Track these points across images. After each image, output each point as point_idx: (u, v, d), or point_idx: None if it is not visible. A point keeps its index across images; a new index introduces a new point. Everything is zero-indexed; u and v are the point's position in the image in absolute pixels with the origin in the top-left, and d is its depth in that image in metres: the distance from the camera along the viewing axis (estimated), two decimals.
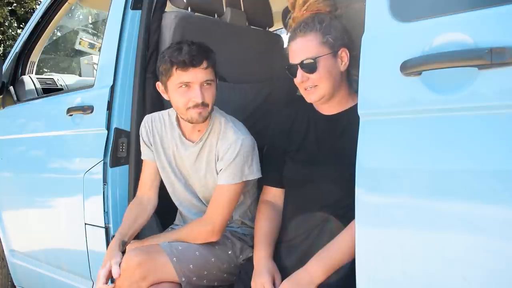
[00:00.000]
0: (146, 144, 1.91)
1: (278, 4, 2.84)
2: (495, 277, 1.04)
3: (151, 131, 1.90)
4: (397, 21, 1.21)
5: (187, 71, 1.67)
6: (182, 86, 1.69)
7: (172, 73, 1.70)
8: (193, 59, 1.66)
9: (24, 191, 2.64)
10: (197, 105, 1.69)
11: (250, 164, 1.74)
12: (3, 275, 2.93)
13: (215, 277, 1.77)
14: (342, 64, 1.59)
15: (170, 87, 1.73)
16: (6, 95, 2.85)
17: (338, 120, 1.63)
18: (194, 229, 1.78)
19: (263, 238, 1.65)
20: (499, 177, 1.03)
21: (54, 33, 7.37)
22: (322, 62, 1.56)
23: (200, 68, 1.68)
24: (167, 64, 1.69)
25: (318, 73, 1.56)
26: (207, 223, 1.75)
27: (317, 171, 1.61)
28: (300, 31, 1.59)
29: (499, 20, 1.04)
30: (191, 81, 1.68)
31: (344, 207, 1.50)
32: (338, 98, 1.63)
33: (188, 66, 1.66)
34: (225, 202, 1.74)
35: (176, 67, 1.67)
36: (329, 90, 1.59)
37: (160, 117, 1.91)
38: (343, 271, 1.45)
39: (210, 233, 1.74)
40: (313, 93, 1.59)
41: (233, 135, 1.75)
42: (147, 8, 2.08)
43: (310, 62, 1.55)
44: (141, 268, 1.64)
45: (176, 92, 1.71)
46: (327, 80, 1.57)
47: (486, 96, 1.05)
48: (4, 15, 11.54)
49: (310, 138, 1.67)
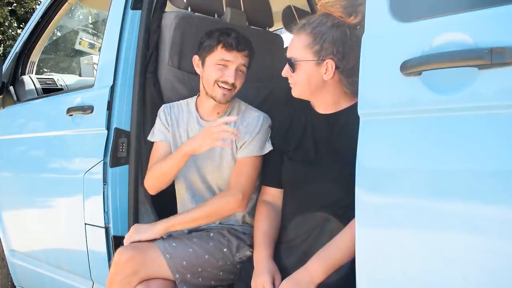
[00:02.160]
0: (163, 124, 1.94)
1: (278, 4, 2.84)
2: (495, 277, 1.04)
3: (169, 114, 1.95)
4: (397, 21, 1.21)
5: (230, 52, 1.80)
6: (220, 64, 1.81)
7: (215, 50, 1.81)
8: (239, 44, 1.81)
9: (24, 191, 2.64)
10: (226, 83, 1.81)
11: (268, 138, 1.84)
12: (3, 275, 2.93)
13: (211, 274, 1.77)
14: (326, 73, 1.56)
15: (208, 62, 1.84)
16: (6, 95, 2.85)
17: (335, 119, 1.63)
18: (223, 200, 1.78)
19: (262, 238, 1.65)
20: (499, 177, 1.03)
21: (54, 33, 7.38)
22: (303, 66, 1.57)
23: (242, 53, 1.82)
24: (213, 41, 1.82)
25: (296, 74, 1.59)
26: (236, 193, 1.77)
27: (315, 170, 1.61)
28: (296, 28, 1.60)
29: (499, 20, 1.04)
30: (231, 61, 1.81)
31: (343, 207, 1.50)
32: (328, 99, 1.63)
33: (234, 48, 1.80)
34: (250, 172, 1.80)
35: (222, 45, 1.80)
36: (305, 94, 1.62)
37: (178, 105, 1.99)
38: (343, 271, 1.44)
39: (240, 202, 1.76)
40: (293, 89, 1.64)
41: (254, 112, 1.90)
42: (147, 8, 2.08)
43: (292, 61, 1.59)
44: (131, 262, 1.66)
45: (213, 67, 1.82)
46: (302, 83, 1.59)
47: (486, 96, 1.05)
48: (4, 15, 11.53)
49: (307, 138, 1.67)
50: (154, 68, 2.07)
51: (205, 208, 1.77)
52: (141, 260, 1.68)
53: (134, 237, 1.76)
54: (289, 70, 1.60)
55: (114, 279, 1.69)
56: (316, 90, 1.60)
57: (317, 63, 1.56)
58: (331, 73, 1.56)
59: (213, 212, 1.77)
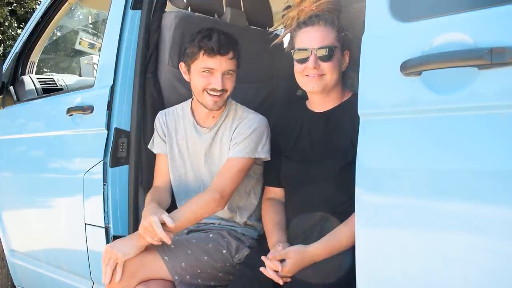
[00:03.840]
0: (161, 137, 1.94)
1: (278, 4, 2.83)
2: (495, 277, 1.04)
3: (165, 124, 1.94)
4: (397, 21, 1.21)
5: (213, 58, 1.73)
6: (205, 71, 1.76)
7: (198, 57, 1.76)
8: (221, 47, 1.72)
9: (24, 191, 2.64)
10: (214, 90, 1.75)
11: (264, 143, 1.78)
12: (3, 275, 2.93)
13: (210, 275, 1.77)
14: (343, 64, 1.65)
15: (193, 70, 1.79)
16: (6, 95, 2.85)
17: (330, 117, 1.66)
18: (202, 201, 1.72)
19: (273, 227, 1.67)
20: (499, 177, 1.03)
21: (54, 33, 7.38)
22: (337, 54, 1.61)
23: (226, 57, 1.74)
24: (195, 48, 1.75)
25: (331, 62, 1.60)
26: (214, 192, 1.72)
27: (312, 168, 1.63)
28: (321, 20, 1.62)
29: (499, 20, 1.04)
30: (215, 68, 1.75)
31: (341, 204, 1.52)
32: (334, 93, 1.67)
33: (216, 53, 1.72)
34: (234, 173, 1.74)
35: (204, 52, 1.74)
36: (333, 83, 1.63)
37: (173, 111, 1.96)
38: (343, 271, 1.45)
39: (218, 201, 1.71)
40: (318, 81, 1.61)
41: (250, 114, 1.84)
42: (147, 8, 2.08)
43: (328, 50, 1.59)
44: (129, 264, 1.64)
45: (198, 75, 1.77)
46: (335, 72, 1.61)
47: (486, 96, 1.05)
48: (4, 15, 11.53)
49: (303, 137, 1.70)
50: (154, 68, 2.07)
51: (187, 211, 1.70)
52: (139, 263, 1.66)
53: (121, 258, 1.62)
54: (318, 60, 1.59)
55: (112, 281, 1.66)
56: (337, 81, 1.65)
57: (341, 52, 1.64)
58: (347, 64, 1.66)
59: (194, 214, 1.71)
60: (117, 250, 1.63)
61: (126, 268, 1.64)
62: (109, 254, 1.64)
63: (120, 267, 1.63)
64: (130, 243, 1.67)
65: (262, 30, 2.53)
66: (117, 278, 1.62)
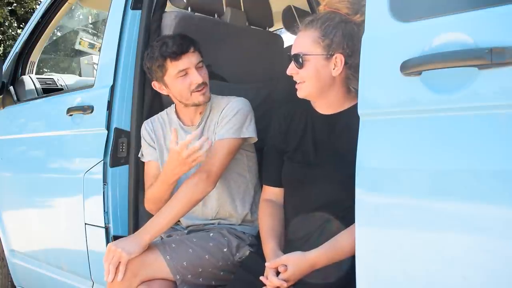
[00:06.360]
0: (149, 144, 1.94)
1: (278, 4, 2.84)
2: (495, 277, 1.04)
3: (153, 130, 1.95)
4: (397, 21, 1.20)
5: (180, 59, 1.78)
6: (180, 74, 1.79)
7: (167, 66, 1.79)
8: (182, 46, 1.78)
9: (24, 191, 2.64)
10: (199, 85, 1.79)
11: (248, 123, 1.83)
12: (3, 275, 2.93)
13: (212, 274, 1.77)
14: (334, 69, 1.55)
15: (169, 80, 1.82)
16: (6, 95, 2.85)
17: (336, 120, 1.62)
18: (191, 184, 1.72)
19: (268, 232, 1.65)
20: (499, 177, 1.03)
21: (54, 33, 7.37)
22: (312, 61, 1.55)
23: (190, 52, 1.79)
24: (159, 60, 1.79)
25: (305, 70, 1.55)
26: (201, 173, 1.73)
27: (314, 171, 1.60)
28: (304, 24, 1.59)
29: (499, 20, 1.04)
30: (188, 67, 1.79)
31: (344, 209, 1.49)
32: (332, 98, 1.61)
33: (180, 54, 1.77)
34: (222, 154, 1.77)
35: (170, 58, 1.77)
36: (314, 90, 1.58)
37: (158, 118, 1.98)
38: (343, 271, 1.45)
39: (205, 181, 1.72)
40: (300, 88, 1.59)
41: (232, 98, 1.89)
42: (147, 8, 2.08)
43: (300, 57, 1.55)
44: (131, 263, 1.64)
45: (177, 82, 1.80)
46: (312, 79, 1.56)
47: (486, 96, 1.05)
48: (4, 15, 11.52)
49: (307, 138, 1.66)
50: None
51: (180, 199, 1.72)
52: (140, 262, 1.66)
53: (125, 257, 1.63)
54: (295, 67, 1.56)
55: (114, 281, 1.67)
56: (324, 88, 1.58)
57: (326, 57, 1.54)
58: (340, 68, 1.54)
59: (188, 199, 1.72)
60: (121, 249, 1.64)
61: (128, 267, 1.64)
62: (112, 253, 1.65)
63: (123, 266, 1.63)
64: (134, 242, 1.67)
65: (262, 30, 2.53)
66: (119, 277, 1.63)
